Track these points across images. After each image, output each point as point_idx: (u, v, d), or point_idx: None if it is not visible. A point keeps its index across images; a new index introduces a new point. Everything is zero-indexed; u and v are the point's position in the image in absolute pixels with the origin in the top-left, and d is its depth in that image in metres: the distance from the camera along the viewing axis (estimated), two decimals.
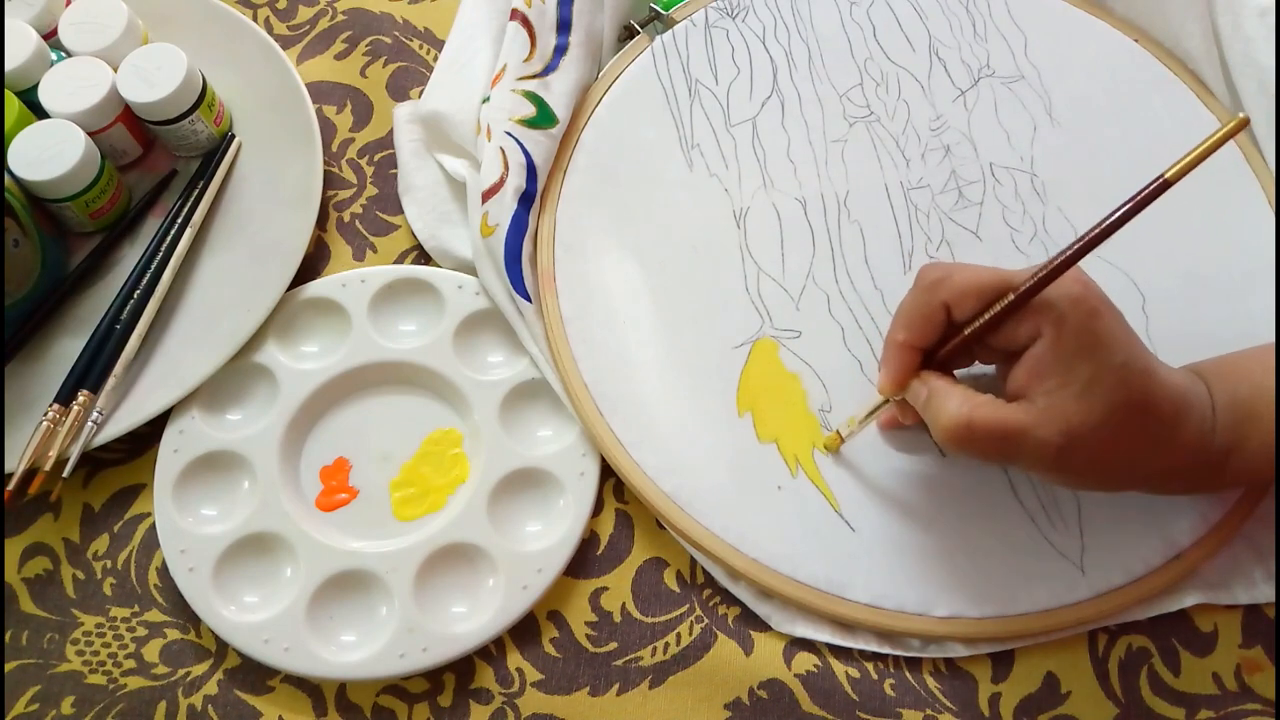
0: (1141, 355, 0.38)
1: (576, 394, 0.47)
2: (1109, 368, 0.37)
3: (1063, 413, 0.37)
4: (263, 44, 0.55)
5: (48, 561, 0.47)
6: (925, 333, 0.41)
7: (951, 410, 0.39)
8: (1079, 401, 0.37)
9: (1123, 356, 0.37)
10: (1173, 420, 0.39)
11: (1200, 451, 0.40)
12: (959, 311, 0.40)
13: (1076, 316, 0.37)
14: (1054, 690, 0.44)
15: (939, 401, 0.39)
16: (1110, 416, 0.37)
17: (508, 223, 0.49)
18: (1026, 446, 0.38)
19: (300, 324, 0.51)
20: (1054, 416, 0.37)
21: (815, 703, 0.44)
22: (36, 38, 0.51)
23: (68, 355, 0.49)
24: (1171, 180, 0.35)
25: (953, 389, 0.40)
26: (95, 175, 0.50)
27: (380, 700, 0.45)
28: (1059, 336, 0.37)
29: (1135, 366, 0.38)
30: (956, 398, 0.39)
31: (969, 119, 0.53)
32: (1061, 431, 0.37)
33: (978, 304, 0.39)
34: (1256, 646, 0.45)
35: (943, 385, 0.40)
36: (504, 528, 0.46)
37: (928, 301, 0.40)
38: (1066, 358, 0.37)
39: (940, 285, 0.40)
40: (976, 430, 0.38)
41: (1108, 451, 0.38)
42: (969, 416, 0.38)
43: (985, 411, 0.38)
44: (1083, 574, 0.44)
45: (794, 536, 0.45)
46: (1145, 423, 0.38)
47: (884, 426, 0.47)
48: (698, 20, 0.56)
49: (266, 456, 0.47)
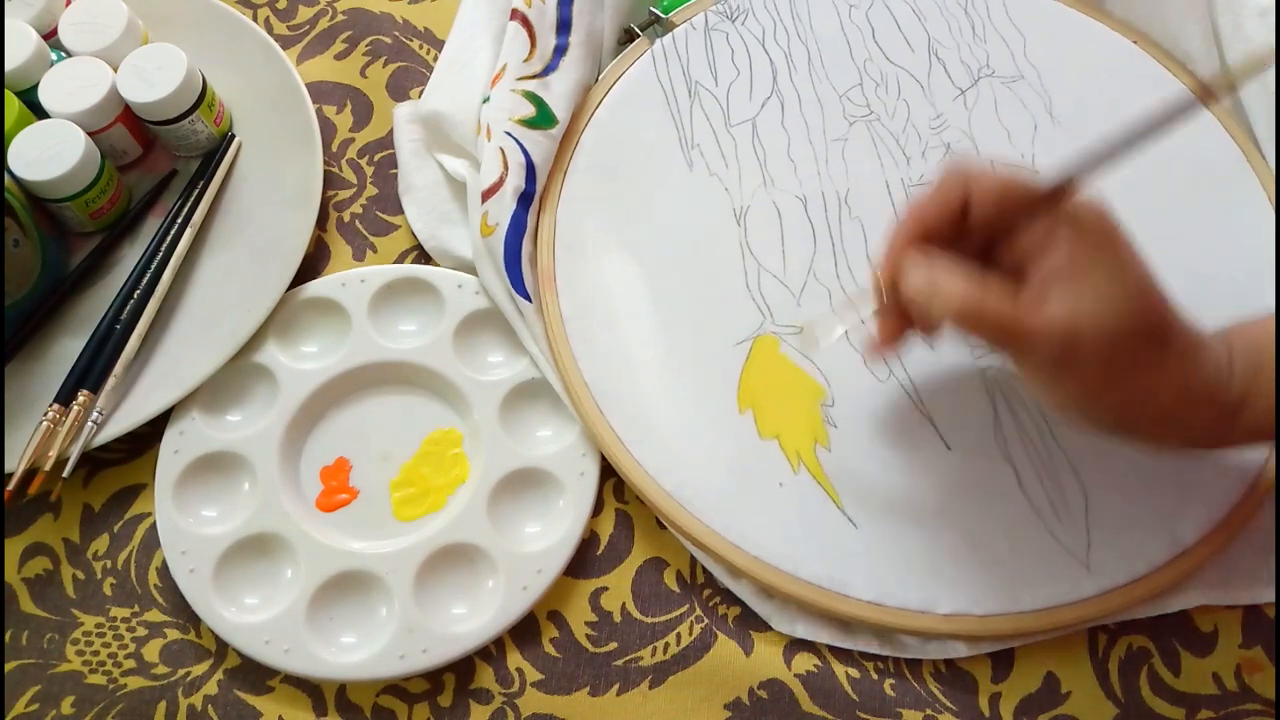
0: (1158, 282, 0.37)
1: (576, 393, 0.47)
2: (1125, 276, 0.36)
3: (1074, 313, 0.35)
4: (263, 44, 0.55)
5: (48, 561, 0.47)
6: (940, 219, 0.38)
7: (961, 288, 0.36)
8: (1091, 304, 0.35)
9: (1139, 273, 0.36)
10: (1187, 353, 0.37)
11: (1212, 396, 0.38)
12: (978, 210, 0.38)
13: (1095, 225, 0.36)
14: (1054, 690, 0.44)
15: (947, 278, 0.37)
16: (1122, 324, 0.35)
17: (507, 222, 0.49)
18: (1031, 337, 0.36)
19: (300, 324, 0.51)
20: (1064, 313, 0.35)
21: (815, 703, 0.44)
22: (36, 38, 0.51)
23: (68, 355, 0.49)
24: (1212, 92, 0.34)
25: (959, 270, 0.37)
26: (95, 175, 0.50)
27: (380, 700, 0.44)
28: (1075, 238, 0.36)
29: (1151, 284, 0.36)
30: (964, 277, 0.37)
31: (969, 117, 0.53)
32: (1069, 326, 0.35)
33: (996, 205, 0.38)
34: (1256, 646, 0.45)
35: (948, 261, 0.37)
36: (504, 528, 0.46)
37: (949, 189, 0.38)
38: (1082, 259, 0.36)
39: (964, 178, 0.38)
40: (986, 312, 0.36)
41: (1112, 364, 0.36)
42: (980, 297, 0.36)
43: (996, 299, 0.36)
44: (1088, 571, 0.44)
45: (795, 534, 0.45)
46: (1156, 345, 0.36)
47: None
48: (697, 23, 0.56)
49: (266, 457, 0.47)
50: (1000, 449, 0.46)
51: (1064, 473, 0.46)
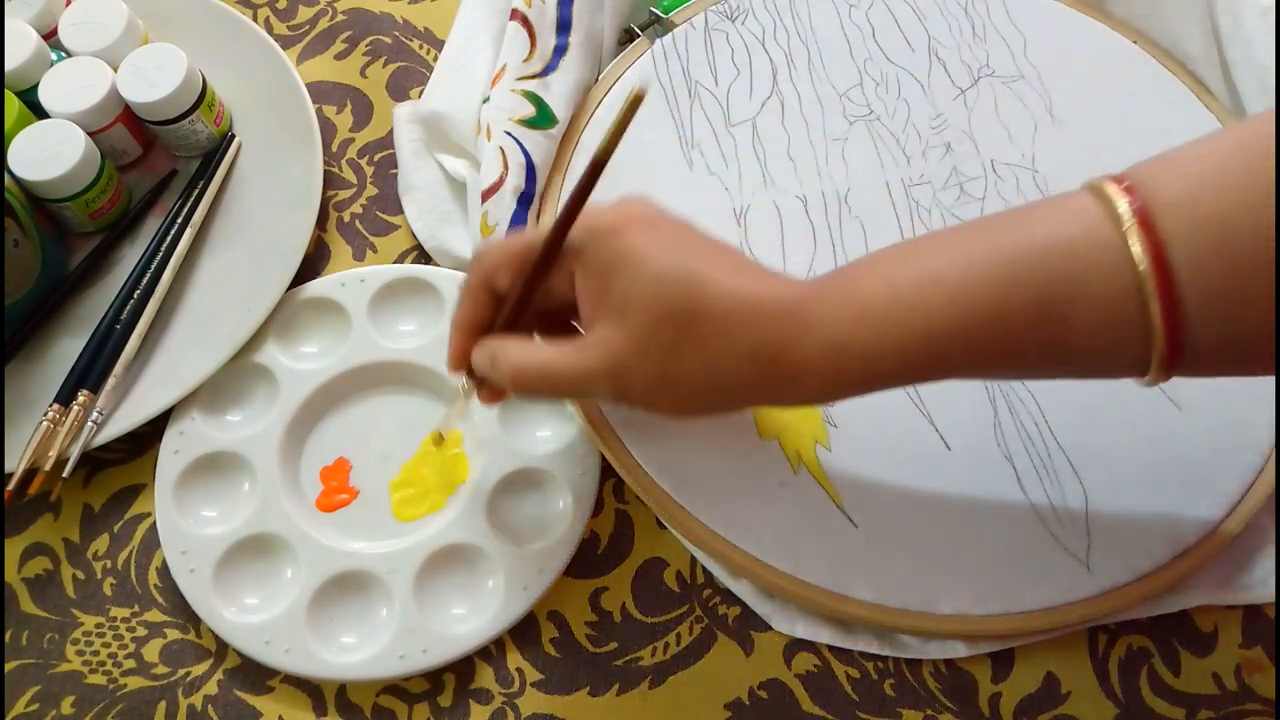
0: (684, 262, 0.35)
1: None
2: (639, 282, 0.35)
3: (608, 342, 0.35)
4: (263, 44, 0.55)
5: (48, 561, 0.47)
6: (476, 309, 0.40)
7: (509, 360, 0.37)
8: (619, 326, 0.35)
9: (655, 268, 0.35)
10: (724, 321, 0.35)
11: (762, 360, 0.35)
12: (501, 281, 0.39)
13: (594, 244, 0.36)
14: (1054, 690, 0.44)
15: (502, 358, 0.38)
16: (651, 331, 0.35)
17: (507, 222, 0.49)
18: (583, 385, 0.36)
19: (300, 324, 0.51)
20: (600, 348, 0.35)
21: (815, 703, 0.44)
22: (36, 38, 0.51)
23: (68, 355, 0.49)
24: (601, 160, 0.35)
25: (510, 342, 0.38)
26: (95, 175, 0.50)
27: (380, 700, 0.44)
28: (584, 269, 0.36)
29: (673, 275, 0.35)
30: (514, 348, 0.38)
31: (969, 117, 0.53)
32: (609, 360, 0.35)
33: (515, 270, 0.38)
34: (1256, 646, 0.45)
35: (499, 341, 0.39)
36: (504, 528, 0.46)
37: (473, 275, 0.39)
38: (596, 287, 0.36)
39: (476, 262, 0.39)
40: (529, 376, 0.37)
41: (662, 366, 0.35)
42: (520, 362, 0.37)
43: (535, 355, 0.37)
44: (1089, 570, 0.44)
45: (796, 534, 0.45)
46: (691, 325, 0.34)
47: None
48: (697, 23, 0.56)
49: (266, 457, 0.47)
50: (1000, 449, 0.46)
51: (1064, 472, 0.46)
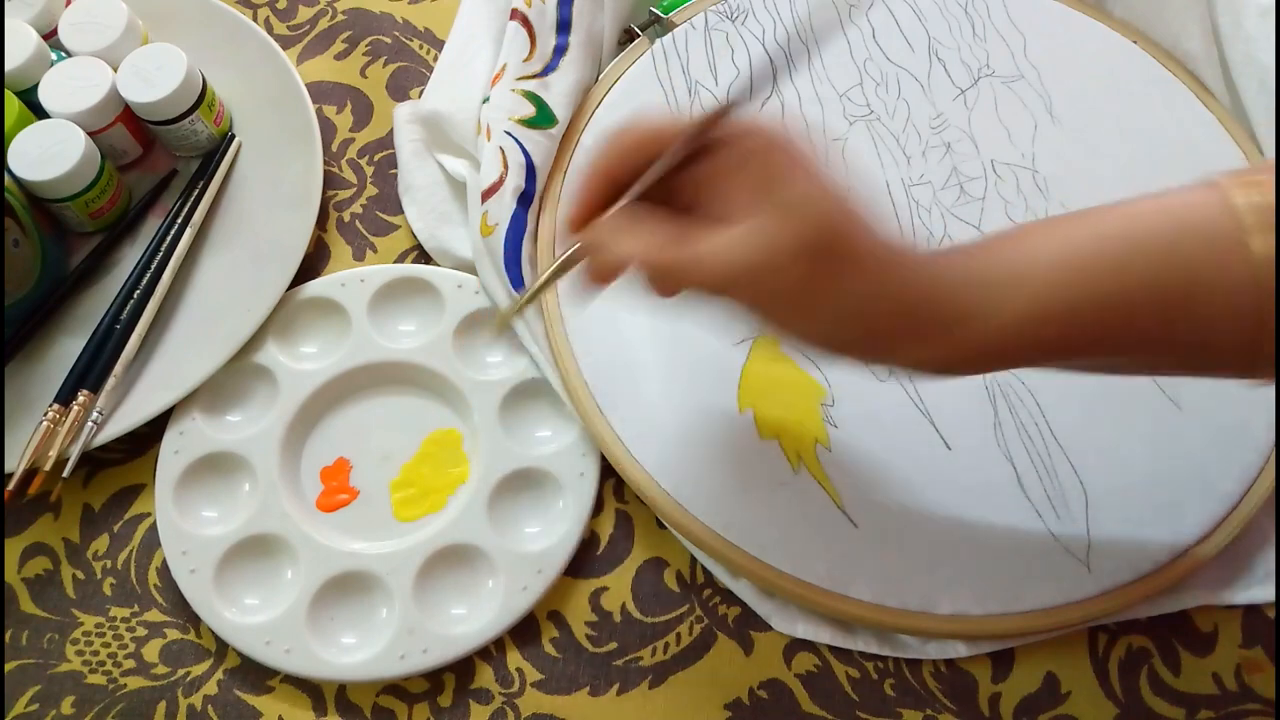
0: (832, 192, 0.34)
1: (576, 393, 0.47)
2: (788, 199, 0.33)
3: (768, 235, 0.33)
4: (263, 44, 0.55)
5: (48, 561, 0.47)
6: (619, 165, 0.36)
7: (628, 247, 0.35)
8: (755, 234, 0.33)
9: (802, 189, 0.34)
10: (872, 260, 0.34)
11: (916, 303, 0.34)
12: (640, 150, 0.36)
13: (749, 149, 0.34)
14: (1054, 690, 0.44)
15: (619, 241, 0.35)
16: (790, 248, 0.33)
17: (507, 222, 0.49)
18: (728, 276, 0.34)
19: (300, 324, 0.51)
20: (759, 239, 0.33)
21: (815, 703, 0.44)
22: (36, 38, 0.51)
23: (68, 355, 0.49)
24: None
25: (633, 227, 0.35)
26: (95, 175, 0.50)
27: (380, 700, 0.44)
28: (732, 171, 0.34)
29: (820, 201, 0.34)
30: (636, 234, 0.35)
31: (969, 117, 0.53)
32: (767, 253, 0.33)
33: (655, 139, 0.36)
34: (1256, 646, 0.45)
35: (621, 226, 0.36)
36: (504, 528, 0.46)
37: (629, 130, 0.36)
38: (742, 191, 0.34)
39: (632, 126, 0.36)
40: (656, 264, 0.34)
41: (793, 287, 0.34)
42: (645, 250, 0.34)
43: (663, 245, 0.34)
44: (1089, 571, 0.44)
45: (796, 534, 0.45)
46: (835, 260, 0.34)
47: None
48: (697, 23, 0.56)
49: (267, 457, 0.47)
50: (1000, 449, 0.46)
51: (1064, 472, 0.46)
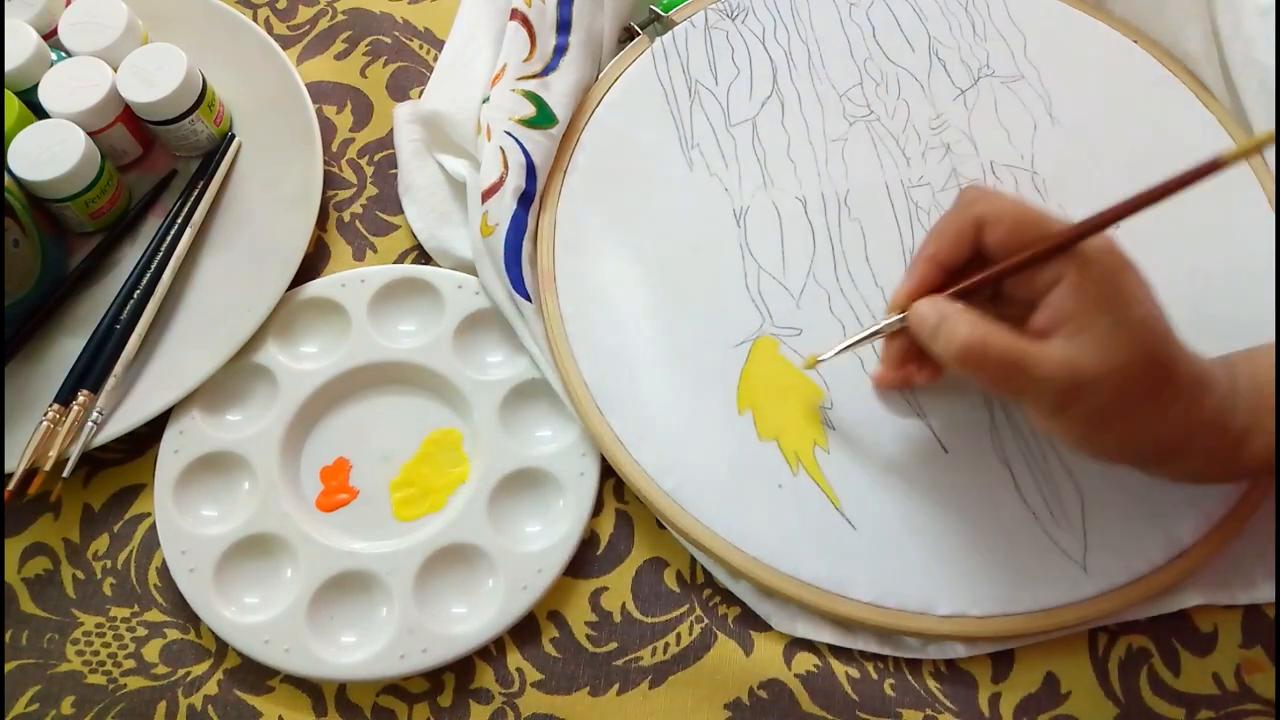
0: (1163, 319, 0.38)
1: (576, 393, 0.47)
2: (1129, 320, 0.37)
3: (1076, 355, 0.37)
4: (263, 44, 0.55)
5: (48, 561, 0.47)
6: (955, 248, 0.41)
7: (964, 330, 0.38)
8: (1094, 348, 0.36)
9: (1144, 313, 0.37)
10: (1190, 390, 0.38)
11: (1217, 428, 0.39)
12: (991, 234, 0.39)
13: (1102, 265, 0.37)
14: (1054, 690, 0.44)
15: (952, 323, 0.39)
16: (1123, 370, 0.36)
17: (507, 222, 0.49)
18: (1033, 378, 0.37)
19: (300, 324, 0.51)
20: (1067, 357, 0.37)
21: (815, 703, 0.44)
22: (36, 38, 0.51)
23: (68, 355, 0.49)
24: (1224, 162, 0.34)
25: (967, 313, 0.39)
26: (95, 175, 0.50)
27: (380, 700, 0.45)
28: (1082, 282, 0.37)
29: (1156, 326, 0.37)
30: (970, 320, 0.39)
31: (969, 118, 0.53)
32: (1071, 372, 0.36)
33: (1011, 229, 0.39)
34: (1256, 646, 0.45)
35: (955, 308, 0.40)
36: (504, 528, 0.46)
37: (963, 215, 0.40)
38: (1088, 303, 0.37)
39: (978, 202, 0.40)
40: (990, 353, 0.38)
41: (1116, 407, 0.37)
42: (984, 337, 0.38)
43: (1001, 336, 0.38)
44: (1086, 572, 0.44)
45: (795, 535, 0.45)
46: (1160, 385, 0.37)
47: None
48: (697, 22, 0.56)
49: (266, 457, 0.47)
50: (997, 452, 0.46)
51: (1060, 475, 0.46)
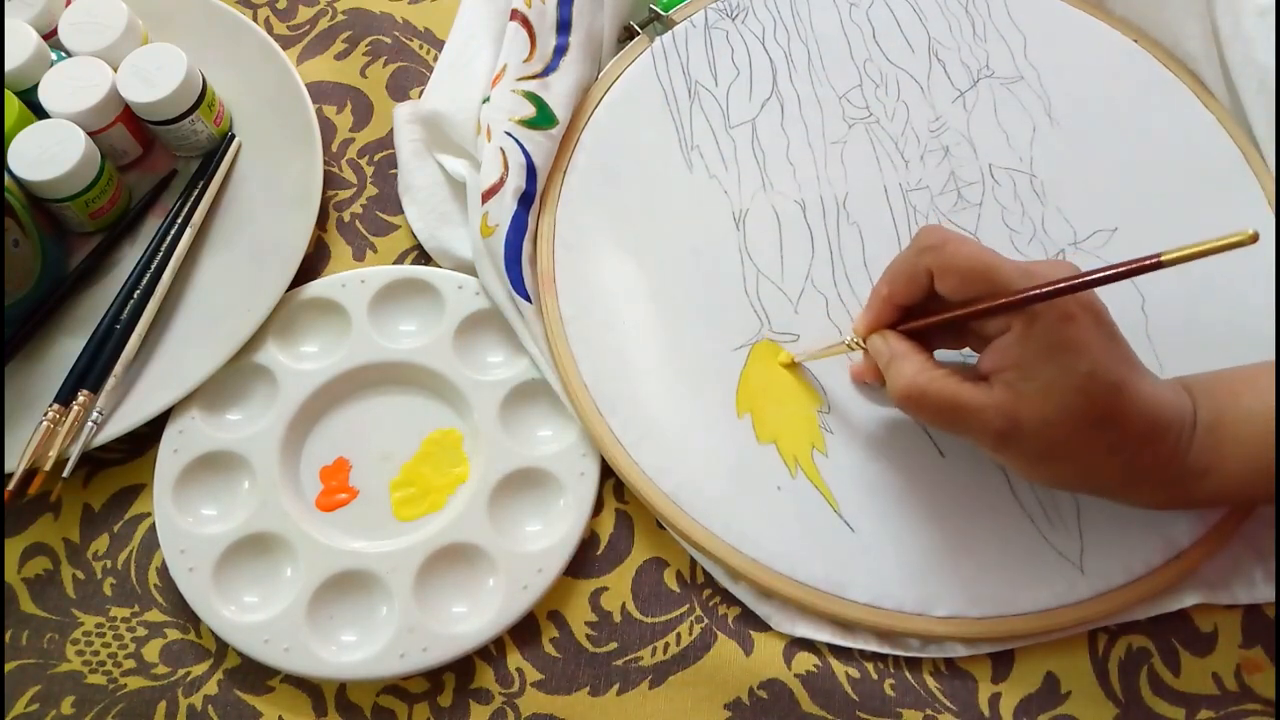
0: (1113, 368, 0.38)
1: (576, 394, 0.47)
2: (1072, 374, 0.37)
3: (1014, 403, 0.38)
4: (263, 44, 0.55)
5: (48, 561, 0.47)
6: (906, 291, 0.42)
7: (908, 374, 0.40)
8: (1032, 397, 0.38)
9: (1088, 366, 0.37)
10: (1140, 436, 0.39)
11: (1169, 468, 0.40)
12: (941, 283, 0.40)
13: (1048, 318, 0.37)
14: (1054, 690, 0.44)
15: (898, 364, 0.41)
16: (1063, 419, 0.37)
17: (507, 223, 0.49)
18: (970, 424, 0.39)
19: (300, 324, 0.51)
20: (1004, 404, 0.38)
21: (815, 703, 0.44)
22: (36, 38, 0.51)
23: (68, 355, 0.49)
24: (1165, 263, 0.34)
25: (913, 354, 0.41)
26: (95, 175, 0.50)
27: (380, 700, 0.45)
28: (1028, 333, 0.38)
29: (1102, 379, 0.37)
30: (915, 363, 0.41)
31: (968, 120, 0.53)
32: (1008, 418, 0.38)
33: (960, 283, 0.40)
34: (1256, 646, 0.45)
35: (904, 349, 0.42)
36: (504, 528, 0.46)
37: (915, 263, 0.41)
38: (1031, 355, 0.38)
39: (929, 253, 0.40)
40: (927, 397, 0.40)
41: (1059, 449, 0.39)
42: (924, 383, 0.40)
43: (939, 383, 0.40)
44: (1082, 574, 0.44)
45: (794, 537, 0.45)
46: (1102, 434, 0.38)
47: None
48: (697, 21, 0.56)
49: (266, 456, 0.47)
50: None
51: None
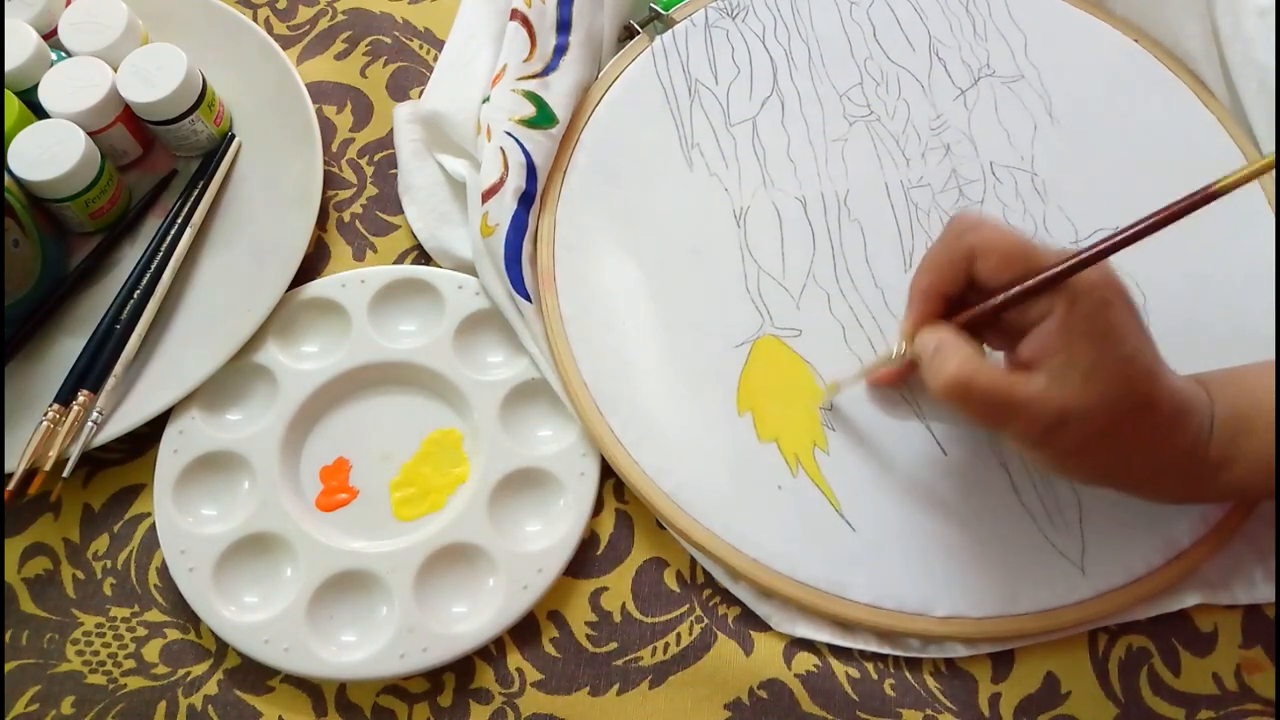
0: (1148, 353, 0.38)
1: (576, 394, 0.47)
2: (1113, 357, 0.37)
3: (1060, 392, 0.37)
4: (263, 44, 0.55)
5: (48, 561, 0.47)
6: (949, 279, 0.41)
7: (954, 365, 0.38)
8: (1079, 384, 0.37)
9: (1129, 349, 0.37)
10: (1170, 423, 0.39)
11: (1193, 459, 0.40)
12: (983, 264, 0.40)
13: (1089, 301, 0.37)
14: (1054, 690, 0.44)
15: (946, 354, 0.39)
16: (1107, 405, 0.37)
17: (507, 223, 0.49)
18: (1018, 416, 0.38)
19: (300, 324, 0.51)
20: (1052, 393, 0.37)
21: (815, 703, 0.44)
22: (36, 38, 0.51)
23: (68, 355, 0.49)
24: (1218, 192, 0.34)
25: (963, 345, 0.39)
26: (95, 175, 0.50)
27: (380, 700, 0.45)
28: (1069, 318, 0.37)
29: (1140, 362, 0.38)
30: (963, 353, 0.39)
31: (969, 118, 0.53)
32: (1056, 409, 0.37)
33: (1001, 262, 0.39)
34: (1256, 646, 0.45)
35: (954, 339, 0.40)
36: (504, 528, 0.46)
37: (954, 246, 0.40)
38: (1073, 339, 0.37)
39: (968, 233, 0.40)
40: (974, 389, 0.38)
41: (1097, 440, 0.38)
42: (972, 374, 0.38)
43: (987, 373, 0.38)
44: (1083, 574, 0.44)
45: (794, 536, 0.45)
46: (1141, 419, 0.38)
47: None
48: (698, 20, 0.56)
49: (266, 456, 0.47)
50: (995, 454, 0.46)
51: (1057, 479, 0.46)
